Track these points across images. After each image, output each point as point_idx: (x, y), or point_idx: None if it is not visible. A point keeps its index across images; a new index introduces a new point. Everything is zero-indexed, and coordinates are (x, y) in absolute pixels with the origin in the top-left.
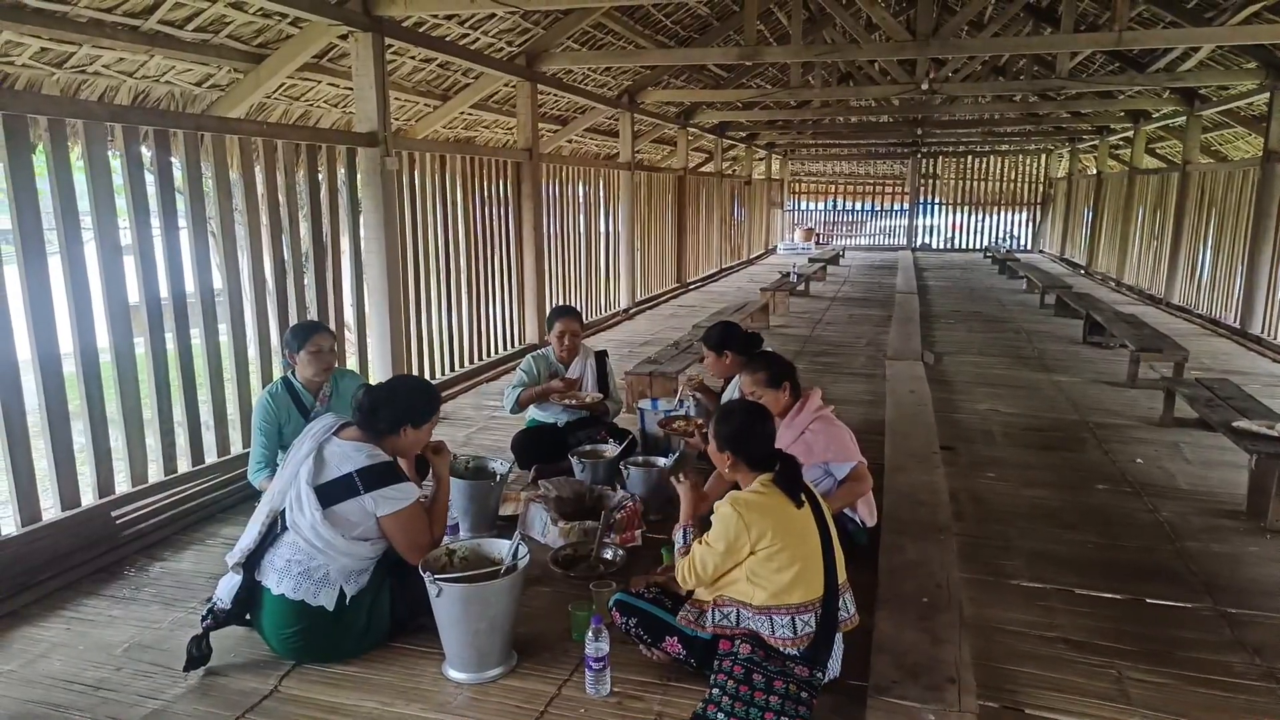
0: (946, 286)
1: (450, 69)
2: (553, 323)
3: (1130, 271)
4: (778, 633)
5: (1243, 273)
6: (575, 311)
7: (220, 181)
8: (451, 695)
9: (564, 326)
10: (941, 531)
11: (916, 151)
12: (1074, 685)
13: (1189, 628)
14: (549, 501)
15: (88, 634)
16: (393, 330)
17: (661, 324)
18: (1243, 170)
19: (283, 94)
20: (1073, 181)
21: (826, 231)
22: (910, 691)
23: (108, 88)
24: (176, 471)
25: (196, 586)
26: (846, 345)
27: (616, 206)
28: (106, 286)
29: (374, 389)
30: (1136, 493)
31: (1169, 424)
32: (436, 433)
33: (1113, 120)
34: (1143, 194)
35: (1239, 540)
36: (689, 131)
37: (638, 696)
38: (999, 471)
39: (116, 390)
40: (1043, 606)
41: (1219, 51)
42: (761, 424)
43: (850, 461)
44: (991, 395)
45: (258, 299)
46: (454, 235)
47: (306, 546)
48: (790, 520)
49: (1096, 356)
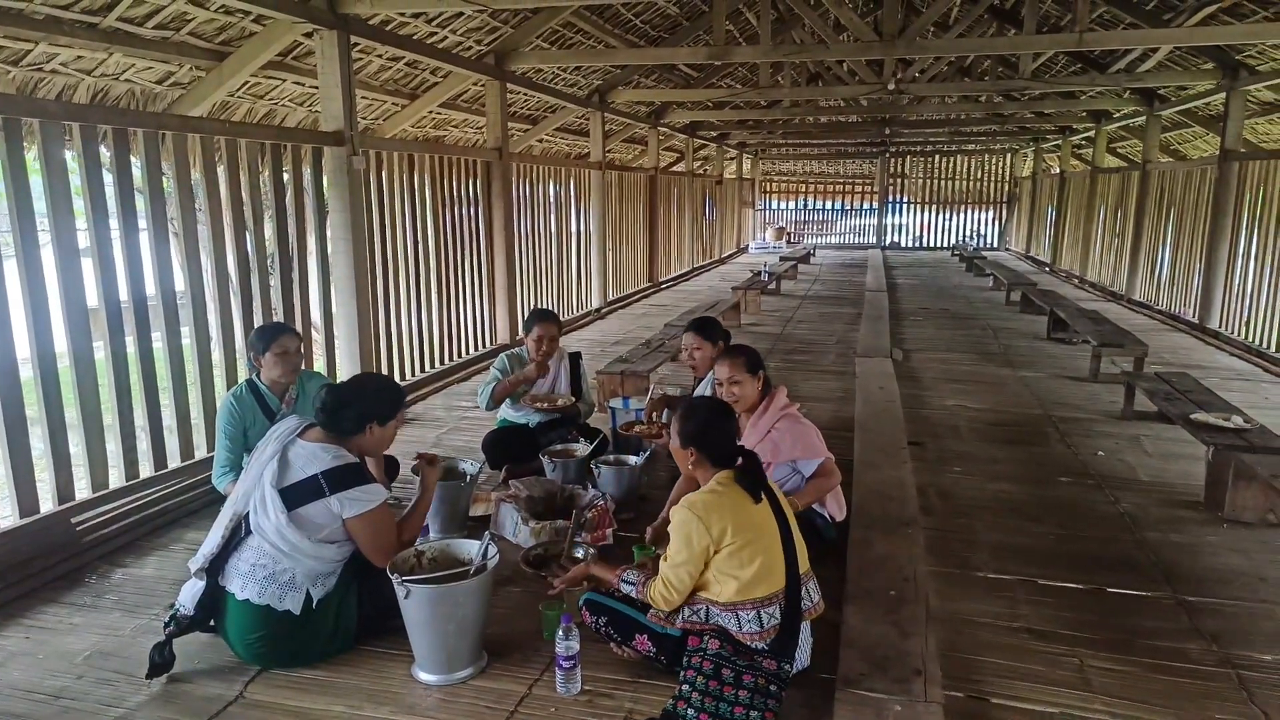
0: (915, 284)
1: (418, 67)
2: (531, 326)
3: (1093, 268)
4: (745, 628)
5: (1201, 269)
6: (555, 316)
7: (182, 181)
8: (421, 697)
9: (543, 331)
10: (909, 526)
11: (885, 151)
12: (1037, 674)
13: (1148, 616)
14: (520, 501)
15: (48, 642)
16: (361, 331)
17: (634, 323)
18: (1200, 169)
19: (247, 92)
20: (1037, 180)
21: (797, 230)
22: (878, 684)
23: (65, 86)
24: (139, 476)
25: (159, 593)
26: (817, 343)
27: (588, 206)
28: (64, 289)
29: (337, 388)
30: (1098, 485)
31: (1130, 417)
32: (408, 434)
33: (1075, 120)
34: (1104, 192)
35: (1197, 530)
36: (660, 131)
37: (608, 695)
38: (965, 466)
39: (76, 395)
40: (1007, 598)
41: (1177, 52)
42: (724, 420)
43: (817, 458)
44: (959, 391)
45: (222, 300)
46: (423, 235)
47: (271, 550)
48: (748, 515)
49: (1060, 352)
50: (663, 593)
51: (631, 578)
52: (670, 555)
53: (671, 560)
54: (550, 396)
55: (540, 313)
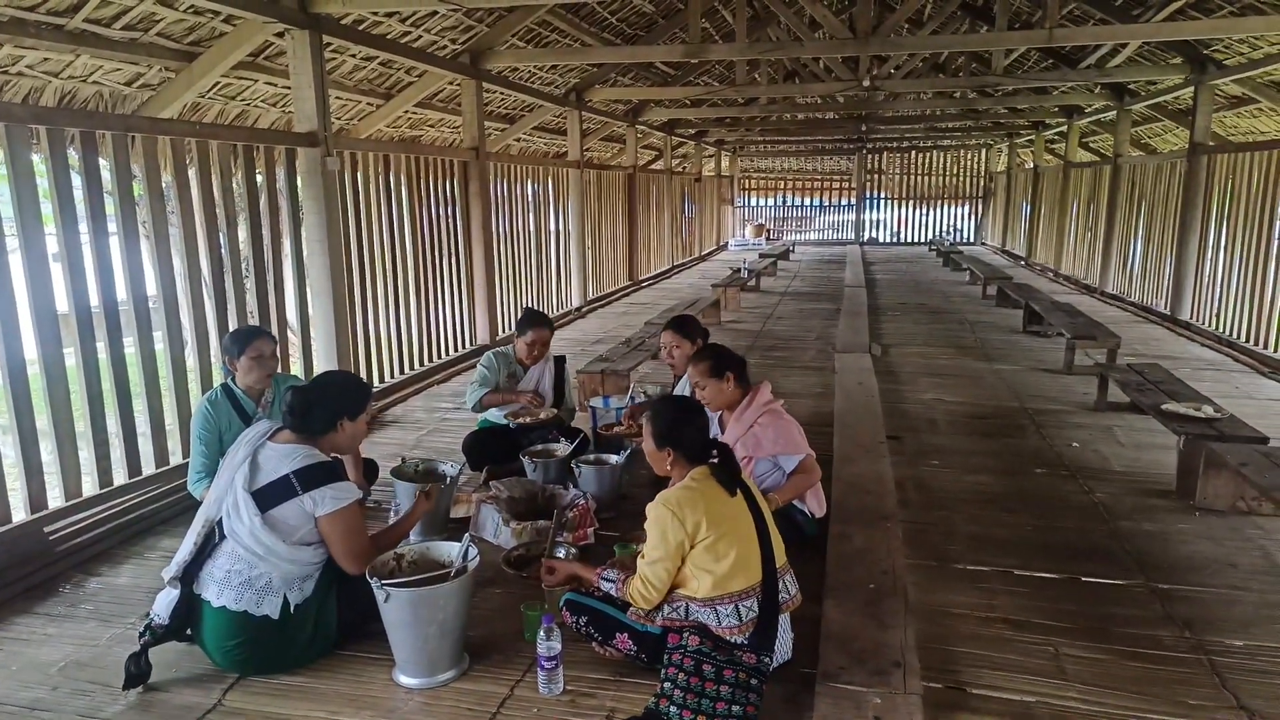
0: (893, 280)
1: (393, 67)
2: (526, 329)
3: (1067, 262)
4: (724, 622)
5: (1172, 261)
6: (549, 321)
7: (152, 184)
8: (402, 701)
9: (535, 336)
10: (887, 519)
11: (862, 147)
12: (1013, 664)
13: (1122, 604)
14: (500, 502)
15: (21, 653)
16: (339, 334)
17: (614, 322)
18: (1170, 163)
19: (218, 93)
20: (1011, 175)
21: (777, 227)
22: (857, 676)
23: (32, 89)
24: (112, 484)
25: (135, 602)
26: (797, 339)
27: (566, 205)
28: (33, 295)
29: (302, 389)
30: (1072, 475)
31: (1103, 408)
32: (389, 436)
33: (1047, 115)
34: (1077, 187)
35: (1169, 519)
36: (638, 129)
37: (590, 694)
38: (943, 459)
39: (46, 402)
40: (984, 589)
41: (1146, 48)
42: (692, 417)
43: (798, 454)
44: (936, 385)
45: (196, 304)
46: (400, 236)
47: (247, 555)
48: (722, 508)
49: (1035, 345)
50: (641, 590)
51: (611, 575)
52: (647, 552)
53: (649, 557)
54: (531, 410)
55: (534, 316)
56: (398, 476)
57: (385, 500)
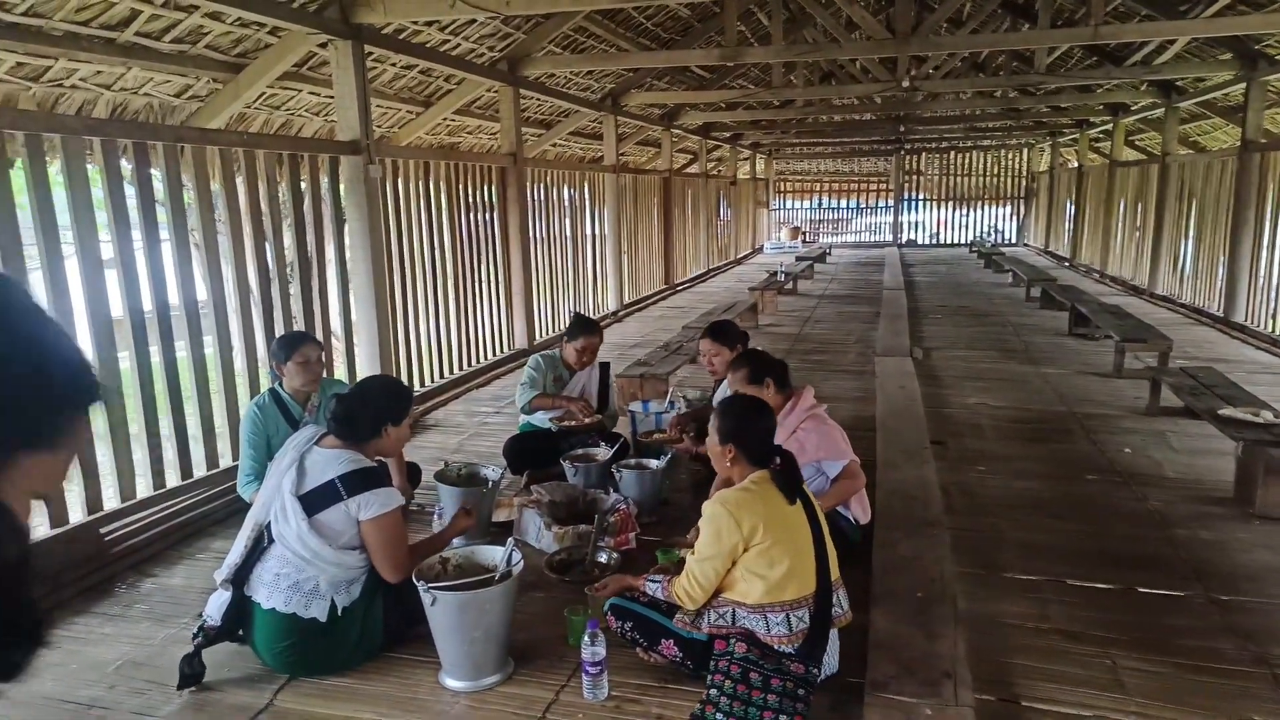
0: (933, 282)
1: (432, 75)
2: (576, 335)
3: (1114, 263)
4: (773, 630)
5: (1224, 262)
6: (599, 329)
7: (201, 193)
8: (449, 704)
9: (586, 343)
10: (934, 526)
11: (900, 148)
12: (1070, 676)
13: (1180, 615)
14: (542, 506)
15: (79, 652)
16: (381, 338)
17: (651, 325)
18: (1221, 160)
19: (263, 103)
20: (1054, 175)
21: (812, 230)
22: (907, 687)
23: (85, 101)
24: (165, 486)
25: (188, 602)
26: (836, 342)
27: (602, 209)
28: (89, 301)
29: (346, 397)
30: (1125, 482)
31: (1155, 413)
32: (431, 440)
33: (1092, 114)
34: (1123, 186)
35: (1227, 527)
36: (673, 133)
37: (635, 700)
38: (989, 465)
39: (102, 405)
40: (1036, 598)
41: (1194, 44)
42: (762, 418)
43: (842, 460)
44: (980, 389)
45: (243, 310)
46: (440, 242)
47: (294, 558)
48: (781, 516)
49: (1082, 348)
50: (687, 587)
51: (656, 578)
52: (698, 549)
53: (699, 554)
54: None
55: (585, 323)
56: (441, 480)
57: (429, 504)
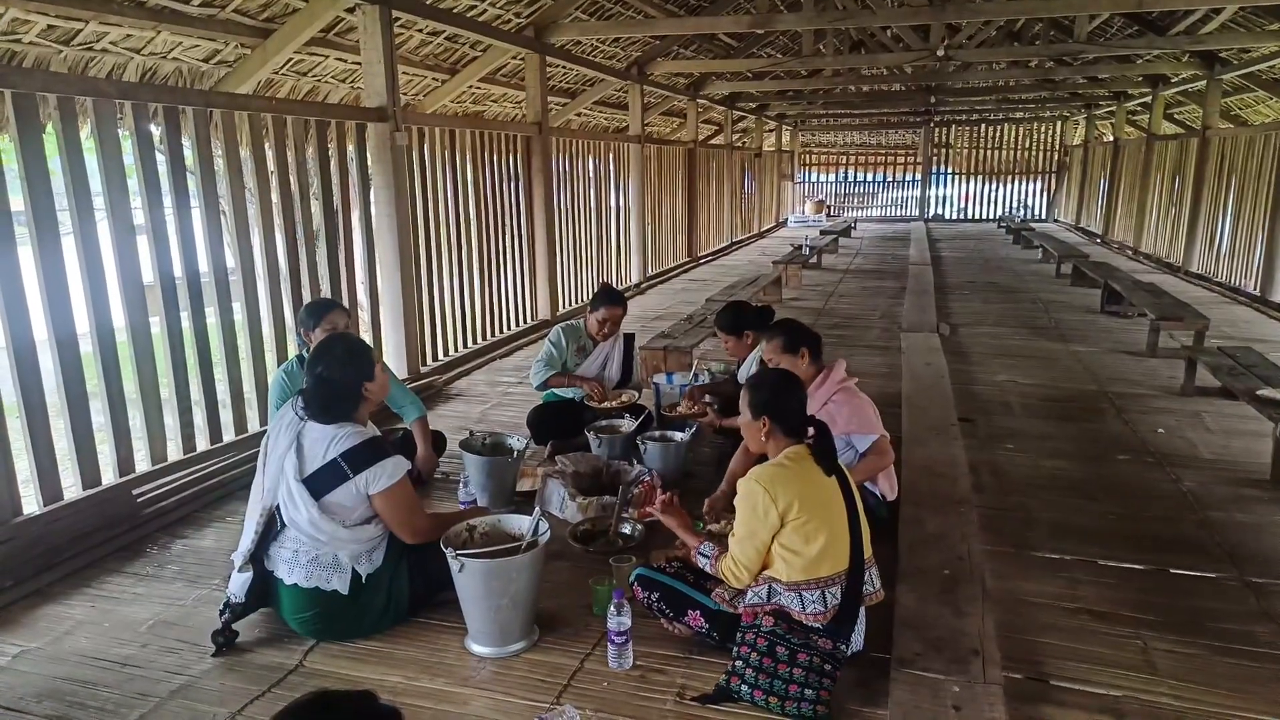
0: (960, 257)
1: (458, 42)
2: (599, 306)
3: (1147, 240)
4: (809, 608)
5: (1263, 240)
6: (623, 299)
7: (230, 159)
8: (475, 669)
9: (608, 314)
10: (961, 504)
11: (929, 121)
12: (1099, 656)
13: (1214, 598)
14: (566, 477)
15: (112, 611)
16: (405, 307)
17: (674, 298)
18: (1264, 135)
19: (290, 69)
20: (1088, 149)
21: (838, 203)
22: (934, 664)
23: (115, 65)
24: (195, 450)
25: (219, 564)
26: (861, 318)
27: (626, 180)
28: (120, 266)
29: (313, 390)
30: (1158, 463)
31: (1190, 393)
32: (455, 409)
33: (1130, 85)
34: (1161, 161)
35: (1263, 510)
36: (698, 103)
37: (660, 670)
38: (1018, 443)
39: (134, 369)
40: (1065, 578)
41: (1241, 13)
42: (794, 390)
43: (872, 434)
44: (1009, 366)
45: (271, 277)
46: (465, 211)
47: (309, 541)
48: (816, 491)
49: (1115, 326)
50: (733, 569)
51: (708, 550)
52: (737, 530)
53: (738, 535)
54: (612, 392)
55: (609, 293)
56: (466, 449)
57: (454, 472)
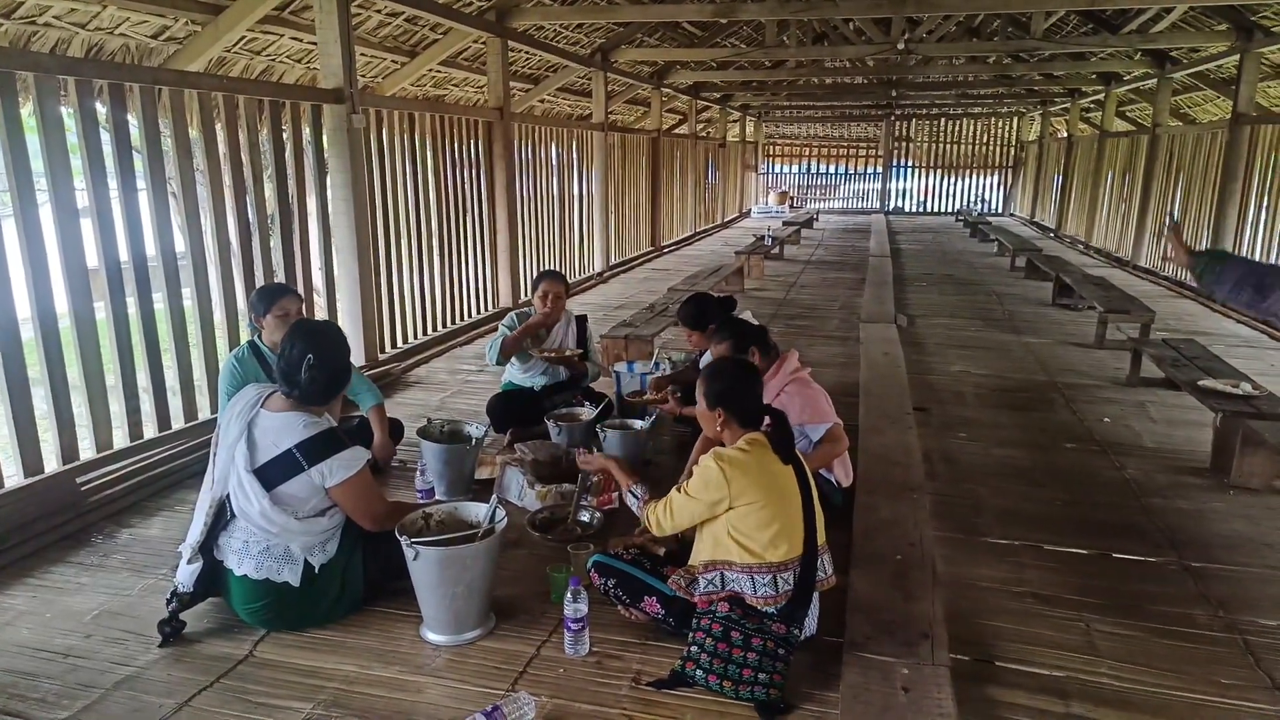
0: (919, 250)
1: (418, 24)
2: (538, 283)
3: (1099, 234)
4: (759, 592)
5: (1208, 236)
6: (560, 275)
7: (179, 139)
8: (430, 657)
9: (548, 287)
10: (914, 491)
11: (890, 114)
12: (1043, 638)
13: (1154, 582)
14: (525, 465)
15: (55, 601)
16: (363, 293)
17: (636, 287)
18: (1211, 133)
19: (243, 48)
20: (1044, 145)
21: (800, 195)
22: (885, 647)
23: (59, 40)
24: (143, 437)
25: (166, 553)
26: (821, 308)
27: (590, 168)
28: (63, 249)
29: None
30: (1103, 451)
31: (1135, 384)
32: (413, 397)
33: (1084, 83)
34: (1112, 157)
35: (1203, 496)
36: (663, 92)
37: (617, 656)
38: (970, 432)
39: (77, 356)
40: (1013, 562)
41: (1191, 13)
42: (749, 380)
43: (825, 423)
44: (963, 357)
45: (222, 261)
46: (424, 196)
47: (260, 532)
48: (772, 478)
49: (1065, 318)
50: (659, 514)
51: (639, 492)
52: (687, 488)
53: (686, 491)
54: (558, 347)
55: (547, 271)
56: (424, 437)
57: (410, 460)
